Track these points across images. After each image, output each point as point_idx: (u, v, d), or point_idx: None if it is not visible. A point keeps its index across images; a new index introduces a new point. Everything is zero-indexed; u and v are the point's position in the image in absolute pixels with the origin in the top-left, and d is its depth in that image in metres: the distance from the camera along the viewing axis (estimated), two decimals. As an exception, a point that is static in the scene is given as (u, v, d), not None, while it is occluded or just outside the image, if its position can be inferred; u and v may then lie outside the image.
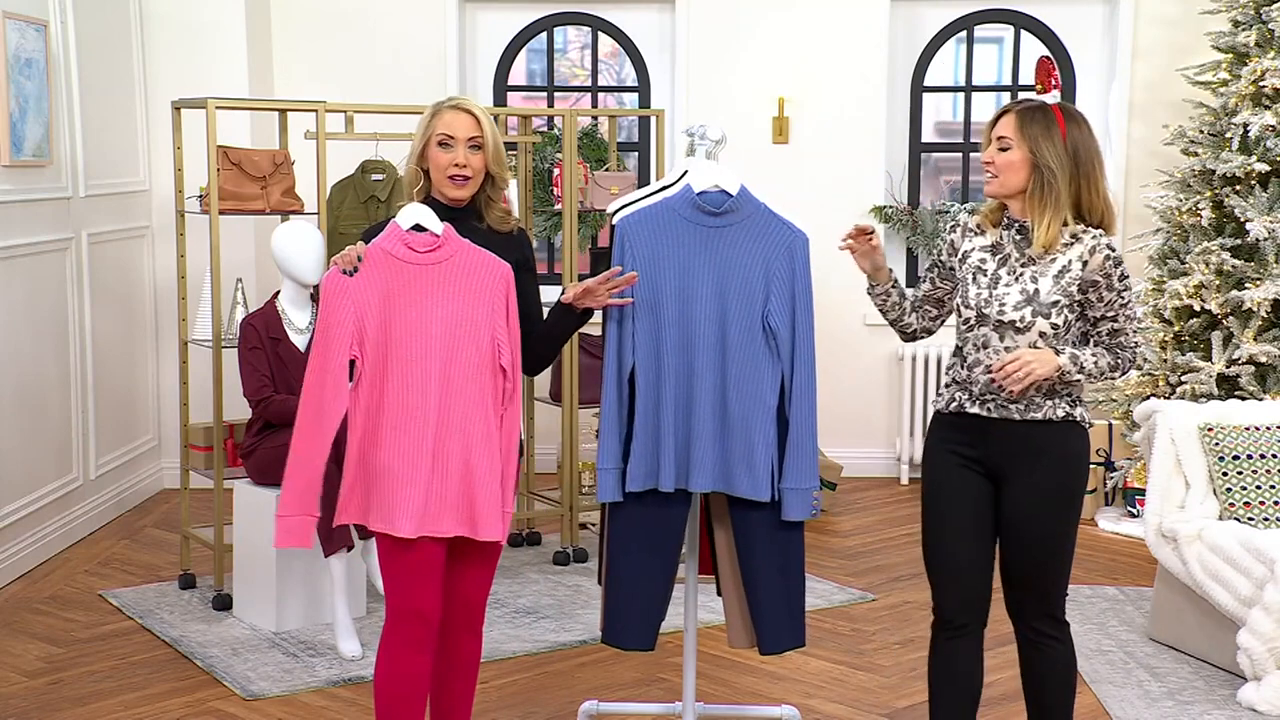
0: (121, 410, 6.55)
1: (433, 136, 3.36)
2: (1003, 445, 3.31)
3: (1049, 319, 3.24)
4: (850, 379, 7.25)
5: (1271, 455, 4.72)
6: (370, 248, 3.26)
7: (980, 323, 3.30)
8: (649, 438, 3.43)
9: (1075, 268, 3.25)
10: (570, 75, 7.80)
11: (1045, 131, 3.24)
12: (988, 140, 3.33)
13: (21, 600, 5.30)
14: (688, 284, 3.41)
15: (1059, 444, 3.30)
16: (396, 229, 3.27)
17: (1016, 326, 3.25)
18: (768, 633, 3.51)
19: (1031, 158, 3.24)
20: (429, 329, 3.23)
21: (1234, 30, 6.25)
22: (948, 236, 3.45)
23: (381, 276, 3.24)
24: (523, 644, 4.85)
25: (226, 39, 6.81)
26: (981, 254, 3.35)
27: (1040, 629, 3.38)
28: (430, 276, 3.25)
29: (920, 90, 7.38)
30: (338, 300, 3.23)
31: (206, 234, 5.28)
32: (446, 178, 3.36)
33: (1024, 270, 3.28)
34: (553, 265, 7.54)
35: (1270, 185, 5.98)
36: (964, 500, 3.35)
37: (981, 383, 3.30)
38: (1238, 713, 4.28)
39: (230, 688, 4.44)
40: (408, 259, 3.25)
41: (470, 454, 3.25)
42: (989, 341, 3.29)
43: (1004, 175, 3.28)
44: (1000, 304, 3.27)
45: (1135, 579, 5.63)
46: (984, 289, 3.30)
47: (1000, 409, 3.29)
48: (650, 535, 3.48)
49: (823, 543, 6.12)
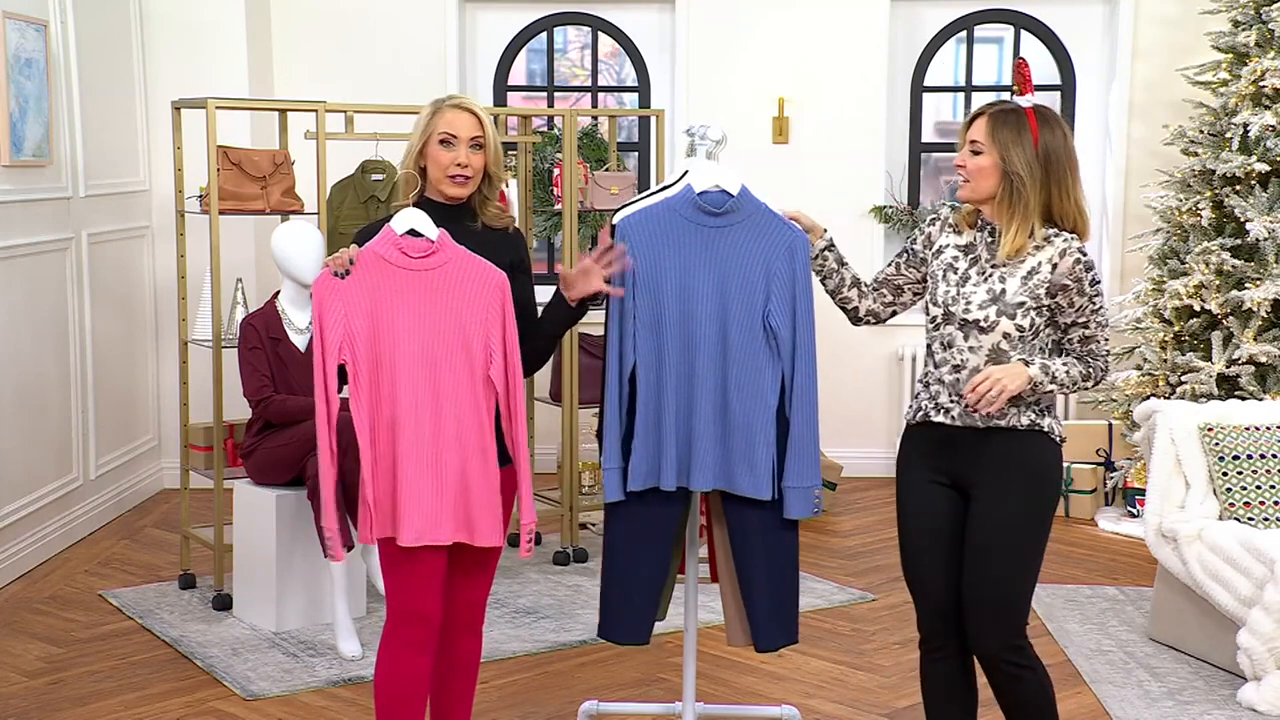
0: (121, 410, 6.56)
1: (434, 134, 3.32)
2: (968, 456, 3.28)
3: (1014, 320, 3.21)
4: (850, 379, 7.25)
5: (1271, 455, 4.72)
6: (363, 251, 3.23)
7: (946, 321, 3.29)
8: (650, 437, 3.43)
9: (1044, 270, 3.22)
10: (570, 75, 7.80)
11: (1016, 136, 3.20)
12: (962, 141, 3.30)
13: (21, 600, 5.30)
14: (688, 283, 3.41)
15: (1025, 454, 3.26)
16: (390, 233, 3.23)
17: (980, 326, 3.23)
18: (762, 630, 3.51)
19: (1001, 164, 3.20)
20: (420, 336, 3.20)
21: (1234, 30, 6.25)
22: (926, 229, 3.42)
23: (372, 281, 3.21)
24: (523, 644, 4.85)
25: (226, 39, 6.82)
26: (955, 252, 3.34)
27: (1003, 657, 3.27)
28: (423, 283, 3.22)
29: (920, 90, 7.38)
30: (328, 303, 3.20)
31: (206, 234, 5.28)
32: (447, 176, 3.32)
33: (993, 271, 3.26)
34: (552, 265, 7.54)
35: (1270, 185, 5.98)
36: (932, 520, 3.33)
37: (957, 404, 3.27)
38: (1238, 713, 4.28)
39: (230, 688, 4.44)
40: (401, 264, 3.22)
41: (466, 464, 3.23)
42: (954, 341, 3.28)
43: (975, 180, 3.25)
44: (966, 302, 3.25)
45: (1135, 579, 5.64)
46: (952, 286, 3.29)
47: (965, 416, 3.27)
48: (648, 532, 3.49)
49: (823, 543, 6.12)
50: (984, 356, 3.25)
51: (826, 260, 3.51)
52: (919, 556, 3.36)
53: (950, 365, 3.29)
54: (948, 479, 3.33)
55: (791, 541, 3.51)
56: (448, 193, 3.35)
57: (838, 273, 3.52)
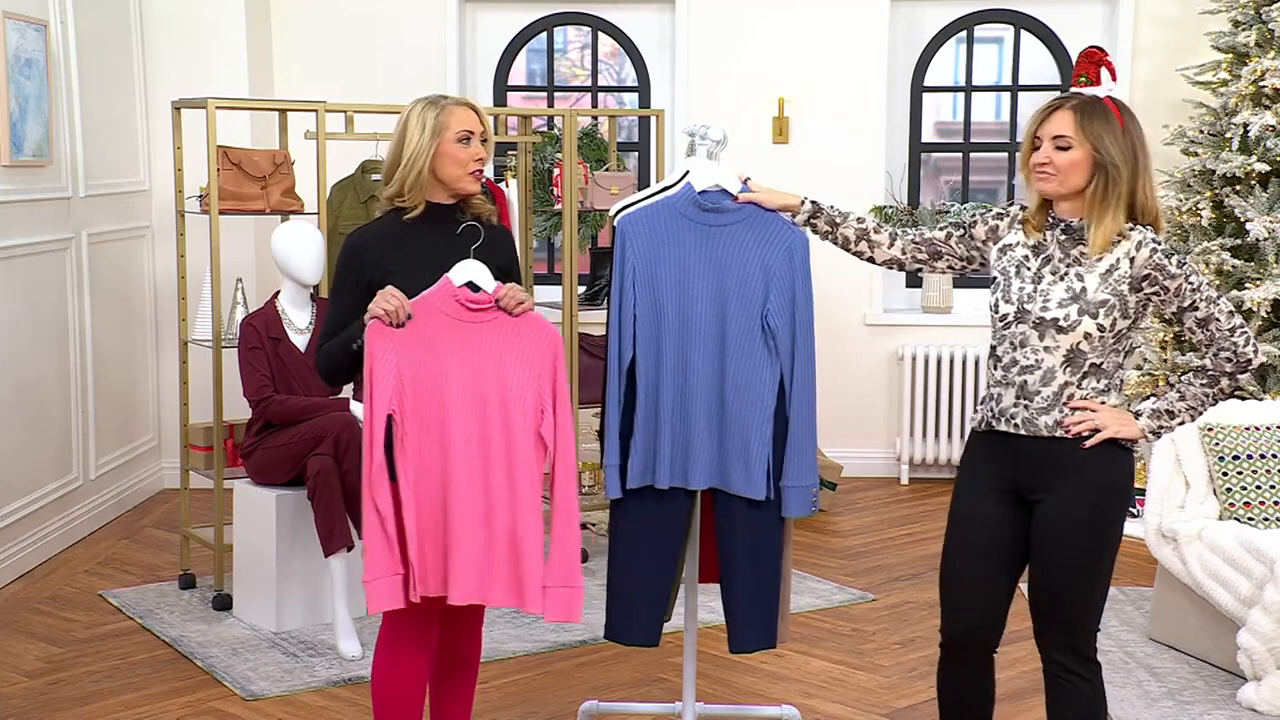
0: (121, 410, 6.56)
1: (448, 133, 3.26)
2: (1035, 464, 3.14)
3: (1095, 319, 3.06)
4: (850, 379, 7.25)
5: (1271, 455, 4.72)
6: (419, 301, 3.15)
7: (1020, 320, 3.14)
8: (648, 435, 3.43)
9: (1124, 265, 3.07)
10: (570, 75, 7.80)
11: (1107, 127, 3.07)
12: (1031, 140, 3.15)
13: (21, 600, 5.30)
14: (687, 282, 3.41)
15: (1095, 465, 3.11)
16: (449, 284, 3.17)
17: (1060, 325, 3.08)
18: (740, 631, 3.50)
19: (1096, 155, 3.06)
20: (473, 389, 3.14)
21: (1234, 30, 6.26)
22: (991, 220, 3.28)
23: (426, 330, 3.14)
24: (523, 644, 4.85)
25: (226, 39, 6.81)
26: (1024, 250, 3.20)
27: (1064, 664, 3.16)
28: (477, 336, 3.16)
29: (920, 90, 7.38)
30: (381, 352, 3.10)
31: (206, 234, 5.28)
32: (469, 173, 3.28)
33: (1068, 270, 3.13)
34: (553, 265, 7.54)
35: (1270, 185, 5.98)
36: (984, 529, 3.21)
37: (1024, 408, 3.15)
38: (1238, 713, 4.28)
39: (230, 688, 4.44)
40: (457, 315, 3.16)
41: (516, 523, 3.16)
42: (1028, 340, 3.14)
43: (1066, 175, 3.09)
44: (1044, 299, 3.11)
45: (1135, 579, 5.64)
46: (1028, 284, 3.15)
47: (1029, 425, 3.13)
48: (654, 532, 3.49)
49: (823, 543, 6.12)
50: (1060, 358, 3.11)
51: (816, 228, 3.42)
52: (963, 562, 3.24)
53: (1020, 366, 3.14)
54: (1009, 488, 3.19)
55: (777, 544, 3.49)
56: (467, 189, 3.30)
57: (832, 234, 3.43)
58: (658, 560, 3.49)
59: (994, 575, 3.22)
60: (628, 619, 3.52)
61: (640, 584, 3.50)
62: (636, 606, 3.51)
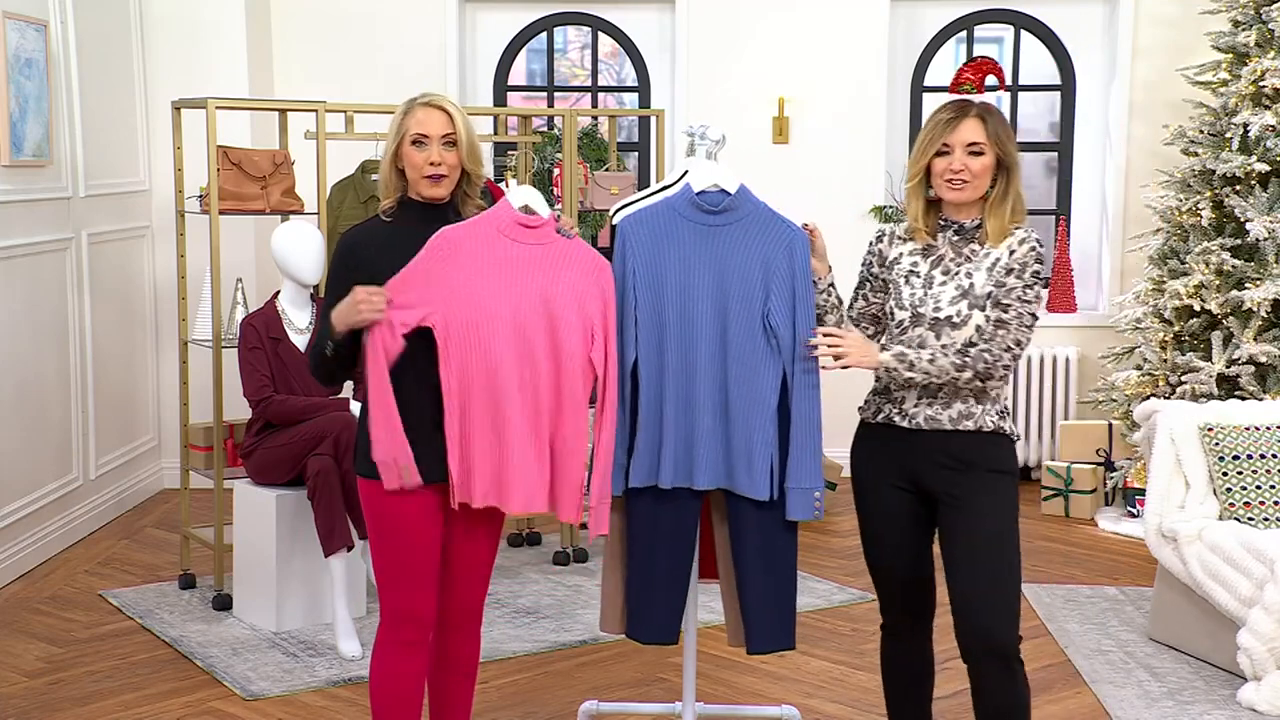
0: (121, 410, 6.56)
1: (406, 135, 3.26)
2: (933, 458, 3.27)
3: (984, 311, 3.23)
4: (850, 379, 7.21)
5: (1271, 455, 4.72)
6: (477, 221, 3.23)
7: (915, 323, 3.29)
8: (651, 435, 3.43)
9: (1004, 258, 3.25)
10: (570, 75, 7.80)
11: (1005, 129, 3.28)
12: (936, 149, 3.29)
13: (21, 600, 5.30)
14: (688, 282, 3.41)
15: (989, 457, 3.27)
16: (508, 206, 3.25)
17: (953, 322, 3.25)
18: (755, 632, 3.51)
19: (1001, 157, 3.26)
20: (530, 308, 3.21)
21: (1234, 30, 6.25)
22: (874, 249, 3.42)
23: (482, 251, 3.21)
24: (523, 644, 4.85)
25: (226, 39, 6.82)
26: (912, 258, 3.34)
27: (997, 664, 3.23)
28: (534, 258, 3.24)
29: (920, 90, 7.38)
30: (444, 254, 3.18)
31: (206, 234, 5.28)
32: (423, 177, 3.27)
33: (958, 268, 3.28)
34: (553, 265, 7.53)
35: (1270, 185, 5.98)
36: (894, 517, 3.36)
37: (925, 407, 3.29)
38: (1238, 713, 4.28)
39: (230, 688, 4.44)
40: (516, 237, 3.24)
41: (560, 439, 3.25)
42: (925, 342, 3.28)
43: (979, 180, 3.26)
44: (936, 301, 3.27)
45: (1135, 579, 5.63)
46: (918, 289, 3.30)
47: (931, 420, 3.27)
48: (666, 533, 3.49)
49: (823, 543, 6.12)
50: None
51: (830, 297, 3.50)
52: (885, 554, 3.40)
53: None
54: (909, 482, 3.33)
55: (789, 545, 3.49)
56: (425, 193, 3.29)
57: (837, 309, 3.52)
58: (674, 560, 3.50)
59: (913, 560, 3.39)
60: (647, 618, 3.52)
61: (658, 584, 3.50)
62: (656, 606, 3.51)
